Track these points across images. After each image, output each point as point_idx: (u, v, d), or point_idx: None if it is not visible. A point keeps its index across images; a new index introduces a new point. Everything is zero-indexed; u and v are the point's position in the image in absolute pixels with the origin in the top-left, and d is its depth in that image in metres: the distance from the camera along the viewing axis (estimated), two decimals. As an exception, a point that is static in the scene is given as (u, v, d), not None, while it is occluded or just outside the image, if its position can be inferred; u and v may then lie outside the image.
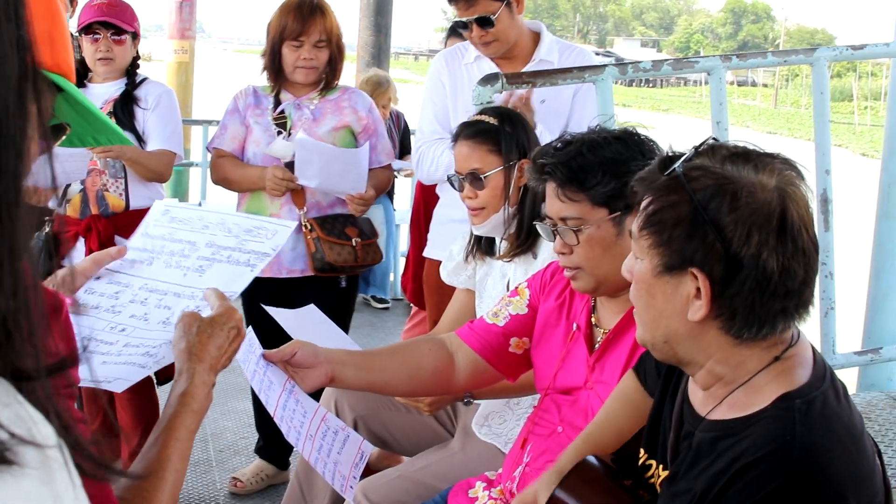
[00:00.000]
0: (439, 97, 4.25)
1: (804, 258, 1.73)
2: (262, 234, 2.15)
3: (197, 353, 1.84)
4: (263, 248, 2.12)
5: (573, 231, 2.55)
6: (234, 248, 2.13)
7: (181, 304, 2.02)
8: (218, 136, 4.51)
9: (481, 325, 2.85)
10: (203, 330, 1.87)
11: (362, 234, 4.45)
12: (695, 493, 1.75)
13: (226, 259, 2.11)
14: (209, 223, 2.19)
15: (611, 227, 2.53)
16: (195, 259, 2.12)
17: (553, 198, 2.57)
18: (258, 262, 2.10)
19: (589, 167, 2.51)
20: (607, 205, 2.52)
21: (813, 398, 1.74)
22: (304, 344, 2.52)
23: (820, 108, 3.98)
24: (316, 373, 2.51)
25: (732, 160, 1.76)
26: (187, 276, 2.09)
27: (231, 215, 2.23)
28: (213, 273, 2.09)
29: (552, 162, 2.55)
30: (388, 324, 7.81)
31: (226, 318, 1.91)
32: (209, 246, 2.14)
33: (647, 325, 1.88)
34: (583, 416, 2.62)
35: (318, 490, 3.49)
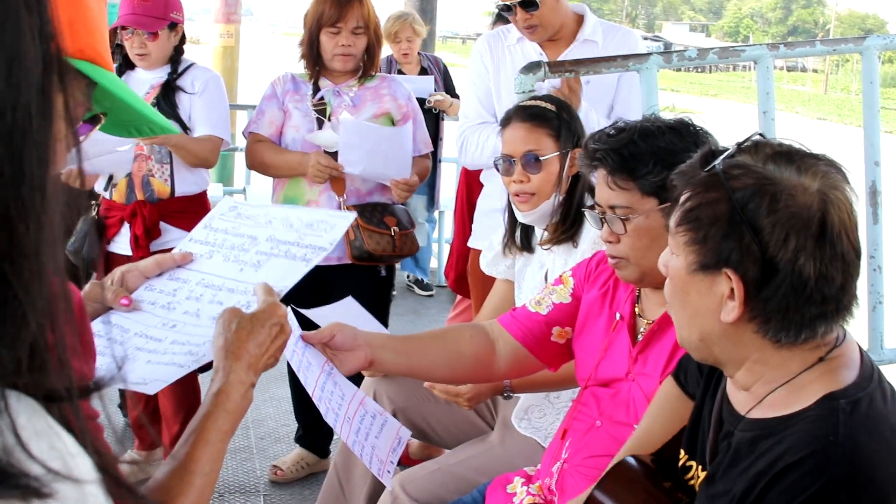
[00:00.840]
0: (482, 80, 4.21)
1: (843, 264, 1.68)
2: (323, 227, 2.11)
3: (234, 351, 1.77)
4: (321, 241, 2.08)
5: (621, 220, 2.51)
6: (294, 242, 2.09)
7: (233, 300, 1.97)
8: (255, 121, 4.50)
9: (524, 312, 2.82)
10: (243, 326, 1.80)
11: (400, 223, 4.43)
12: (734, 495, 1.71)
13: (283, 254, 2.07)
14: (273, 218, 2.17)
15: (659, 217, 2.48)
16: (254, 254, 2.09)
17: (603, 185, 2.54)
18: (313, 257, 2.06)
19: (641, 156, 2.47)
20: (657, 195, 2.47)
21: (859, 399, 1.70)
22: (343, 326, 2.49)
23: (869, 98, 3.91)
24: (355, 356, 2.48)
25: (775, 160, 1.72)
26: (244, 270, 2.05)
27: (296, 210, 2.21)
28: (269, 268, 2.05)
29: (604, 148, 2.51)
30: (431, 311, 7.79)
31: (268, 314, 1.84)
32: (269, 240, 2.11)
33: (683, 324, 1.85)
34: (623, 408, 2.58)
35: (356, 480, 3.48)
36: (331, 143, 4.29)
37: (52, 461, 0.74)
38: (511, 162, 3.24)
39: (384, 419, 2.42)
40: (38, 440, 0.74)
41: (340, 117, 4.27)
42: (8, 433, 0.73)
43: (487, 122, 4.14)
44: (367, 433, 2.38)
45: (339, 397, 2.36)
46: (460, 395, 3.19)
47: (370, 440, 2.38)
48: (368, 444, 2.38)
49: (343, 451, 3.53)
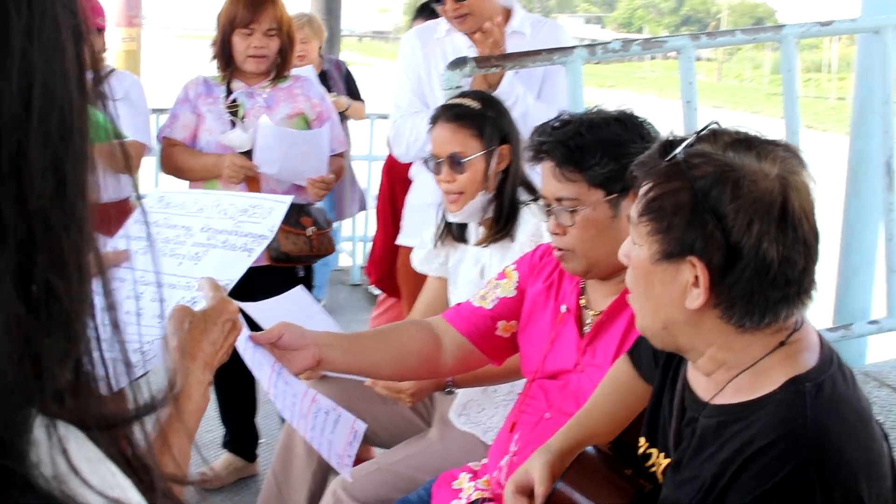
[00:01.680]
0: (414, 71, 4.20)
1: (805, 247, 1.71)
2: (258, 213, 2.09)
3: (190, 351, 1.74)
4: (260, 229, 2.06)
5: (568, 212, 2.51)
6: (231, 231, 2.06)
7: (176, 296, 1.94)
8: (168, 126, 4.44)
9: (468, 307, 2.82)
10: (196, 325, 1.77)
11: (317, 223, 4.42)
12: (704, 480, 1.73)
13: (221, 244, 2.05)
14: (204, 205, 2.13)
15: (607, 209, 2.50)
16: (190, 246, 2.06)
17: (549, 177, 2.54)
18: (255, 247, 2.03)
19: (587, 147, 2.48)
20: (604, 186, 2.49)
21: (822, 381, 1.73)
22: (290, 326, 2.47)
23: (789, 86, 3.99)
24: (303, 355, 2.46)
25: (734, 147, 1.74)
26: (182, 264, 2.02)
27: (227, 195, 2.18)
28: (209, 260, 2.02)
29: (550, 141, 2.52)
30: (348, 310, 7.75)
31: (219, 310, 1.82)
32: (204, 230, 2.08)
33: (646, 313, 1.86)
34: (573, 400, 2.59)
35: (295, 483, 3.45)
36: (241, 144, 4.26)
37: (109, 490, 0.71)
38: (438, 162, 3.25)
39: (338, 414, 2.41)
40: (91, 468, 0.71)
41: (259, 121, 4.23)
42: (60, 460, 0.69)
43: (421, 111, 4.13)
44: (323, 429, 2.36)
45: (291, 395, 2.35)
46: (403, 392, 3.18)
47: (326, 436, 2.37)
48: (325, 440, 2.37)
49: (281, 454, 3.50)
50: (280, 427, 4.47)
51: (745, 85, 51.78)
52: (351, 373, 2.82)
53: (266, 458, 4.67)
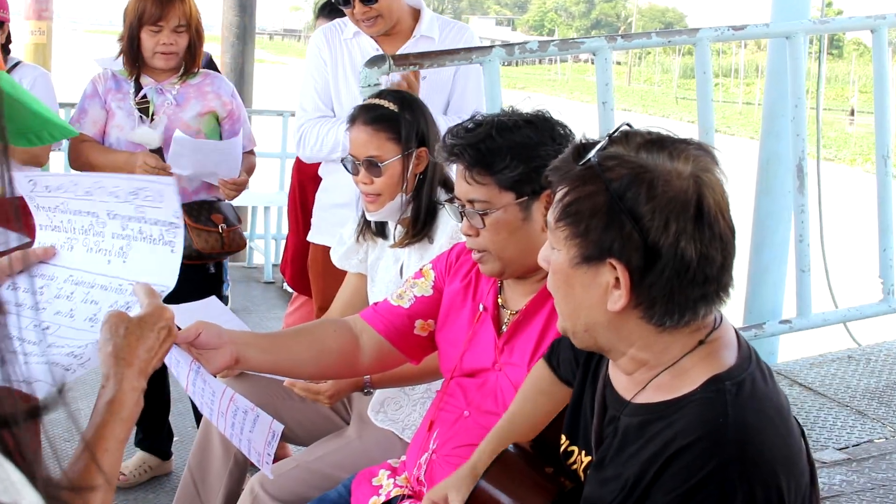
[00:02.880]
0: (320, 74, 4.17)
1: (721, 244, 1.72)
2: (150, 196, 2.04)
3: (125, 357, 1.72)
4: (165, 215, 2.02)
5: (480, 214, 2.52)
6: (137, 217, 2.02)
7: (109, 299, 1.92)
8: (77, 120, 4.38)
9: (385, 306, 2.81)
10: (131, 331, 1.75)
11: (227, 220, 4.42)
12: (627, 478, 1.74)
13: (140, 235, 2.01)
14: (88, 188, 2.07)
15: (517, 211, 2.51)
16: (110, 238, 2.01)
17: (461, 180, 2.55)
18: (174, 239, 2.00)
19: (498, 151, 2.49)
20: (514, 189, 2.50)
21: (742, 380, 1.75)
22: (207, 325, 2.43)
23: (703, 89, 4.04)
24: (221, 354, 2.42)
25: (647, 148, 1.75)
26: (112, 262, 1.99)
27: (106, 177, 2.12)
28: (136, 257, 1.98)
29: (461, 143, 2.52)
30: (261, 307, 7.71)
31: (155, 317, 1.81)
32: (112, 217, 2.03)
33: (567, 315, 1.86)
34: (491, 398, 2.60)
35: (212, 481, 3.43)
36: (150, 141, 4.22)
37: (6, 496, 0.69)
38: (356, 164, 3.24)
39: (255, 414, 2.39)
40: None
41: (174, 135, 4.19)
42: None
43: (326, 115, 4.11)
44: (242, 428, 2.34)
45: (210, 394, 2.32)
46: (321, 393, 3.16)
47: (245, 434, 2.34)
48: (245, 438, 2.35)
49: (197, 453, 3.47)
50: (194, 425, 4.44)
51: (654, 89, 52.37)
52: (269, 371, 2.79)
53: (180, 456, 4.63)
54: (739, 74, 45.58)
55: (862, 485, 3.39)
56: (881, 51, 4.56)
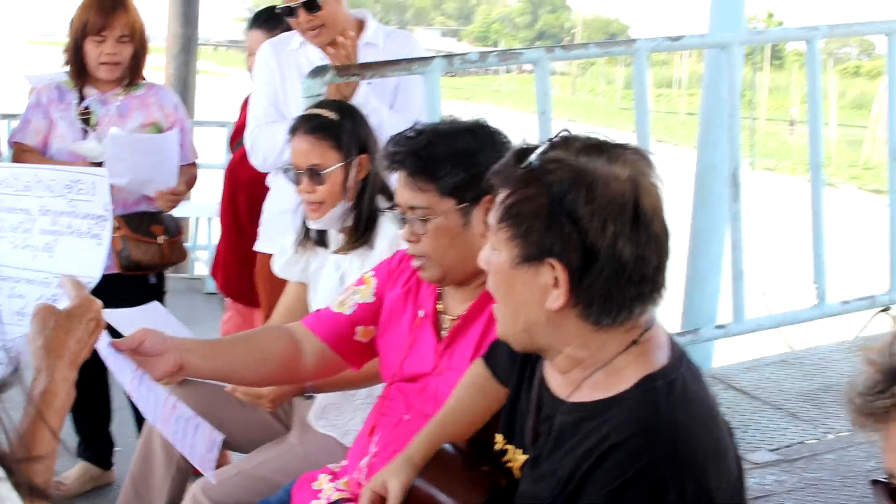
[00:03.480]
0: (270, 83, 4.17)
1: (657, 245, 1.79)
2: (84, 189, 2.07)
3: (56, 349, 1.76)
4: (95, 208, 2.05)
5: (421, 220, 2.56)
6: (69, 212, 2.05)
7: (35, 292, 1.94)
8: (20, 130, 4.36)
9: (327, 313, 2.84)
10: (60, 324, 1.80)
11: (167, 231, 4.42)
12: (562, 475, 1.79)
13: (68, 230, 2.03)
14: (27, 181, 2.10)
15: (458, 217, 2.56)
16: (38, 234, 2.04)
17: (403, 186, 2.59)
18: (101, 232, 2.03)
19: (439, 158, 2.54)
20: (455, 195, 2.54)
21: (673, 379, 1.80)
22: (151, 332, 2.44)
23: (640, 98, 4.11)
24: (164, 360, 2.43)
25: (587, 152, 1.80)
26: (37, 258, 2.01)
27: (43, 168, 2.16)
28: (63, 251, 2.01)
29: (403, 151, 2.57)
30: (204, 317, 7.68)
31: (84, 309, 1.85)
32: (44, 212, 2.06)
33: (507, 316, 1.91)
34: (431, 402, 2.63)
35: (154, 489, 3.44)
36: (95, 154, 4.21)
37: None
38: (298, 173, 3.28)
39: (196, 422, 2.41)
40: None
41: (109, 132, 4.18)
42: None
43: (277, 120, 4.13)
44: (184, 434, 2.37)
45: (153, 400, 2.35)
46: (263, 397, 3.18)
47: (188, 440, 2.37)
48: (187, 444, 2.37)
49: (138, 461, 3.48)
50: (136, 435, 4.43)
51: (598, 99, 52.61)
52: (212, 378, 2.82)
53: (122, 465, 4.61)
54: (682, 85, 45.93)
55: (793, 484, 3.48)
56: (814, 61, 4.66)
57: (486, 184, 1.93)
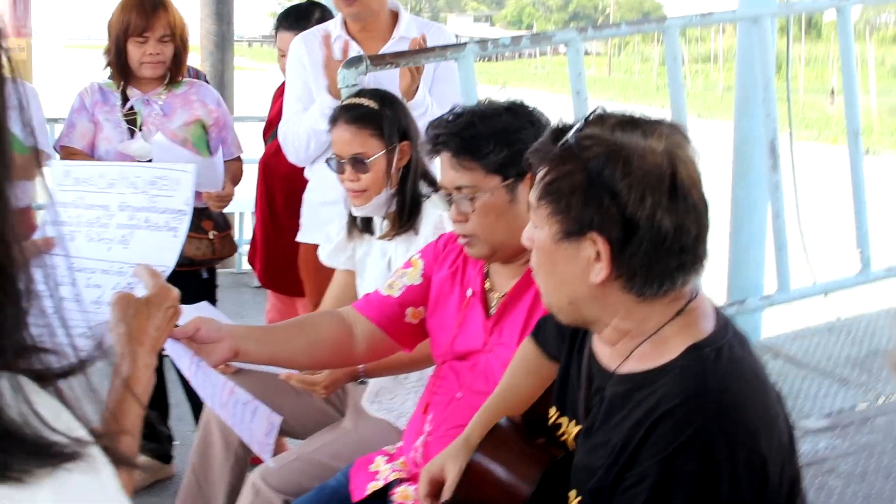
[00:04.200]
0: (300, 79, 4.21)
1: (696, 215, 1.81)
2: (167, 185, 2.12)
3: (137, 336, 1.80)
4: (175, 203, 2.10)
5: (468, 199, 2.61)
6: (148, 207, 2.10)
7: (111, 282, 1.98)
8: (66, 135, 4.43)
9: (377, 297, 2.89)
10: (140, 311, 1.83)
11: (217, 226, 4.48)
12: (615, 445, 1.82)
13: (145, 224, 2.08)
14: (112, 179, 2.15)
15: (504, 194, 2.60)
16: (115, 228, 2.08)
17: (447, 168, 2.64)
18: (178, 225, 2.07)
19: (481, 137, 2.58)
20: (500, 172, 2.59)
21: (720, 347, 1.83)
22: (206, 320, 2.49)
23: (674, 74, 4.13)
24: (220, 347, 2.48)
25: (622, 127, 1.83)
26: (112, 249, 2.05)
27: (130, 167, 2.20)
28: (138, 243, 2.06)
29: (446, 132, 2.62)
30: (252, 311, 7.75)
31: (162, 297, 1.89)
32: (123, 208, 2.10)
33: (552, 291, 1.94)
34: (482, 379, 2.68)
35: (214, 478, 3.49)
36: (144, 153, 4.26)
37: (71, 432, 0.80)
38: (341, 162, 3.32)
39: (255, 406, 2.46)
40: (52, 414, 0.80)
41: (154, 138, 4.24)
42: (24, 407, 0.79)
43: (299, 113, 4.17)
44: (242, 418, 2.41)
45: (211, 386, 2.40)
46: (316, 385, 3.24)
47: (245, 424, 2.42)
48: (246, 428, 2.42)
49: (198, 451, 3.54)
50: (194, 429, 4.50)
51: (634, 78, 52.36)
52: (267, 363, 2.87)
53: (182, 460, 4.68)
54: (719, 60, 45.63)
55: (845, 449, 3.49)
56: (846, 30, 4.66)
57: (525, 163, 1.97)
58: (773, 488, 1.79)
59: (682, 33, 4.27)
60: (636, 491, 1.77)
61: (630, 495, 1.78)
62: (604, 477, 1.84)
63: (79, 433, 0.82)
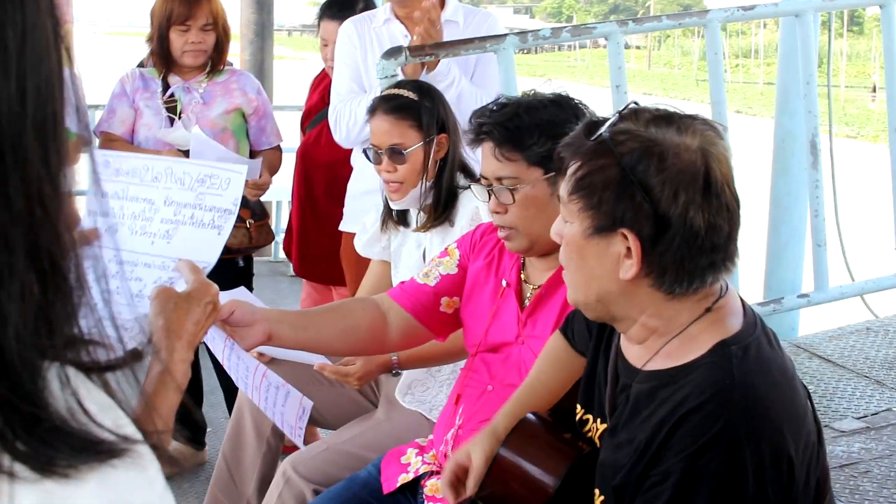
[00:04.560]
0: (351, 58, 4.22)
1: (728, 214, 1.80)
2: (216, 184, 2.13)
3: (175, 330, 1.83)
4: (223, 202, 2.10)
5: (509, 190, 2.60)
6: (194, 204, 2.10)
7: (152, 276, 2.00)
8: (106, 120, 4.46)
9: (412, 285, 2.89)
10: (180, 306, 1.86)
11: (254, 214, 4.50)
12: (640, 442, 1.81)
13: (190, 220, 2.09)
14: (158, 173, 2.16)
15: (545, 186, 2.58)
16: (159, 223, 2.10)
17: (490, 157, 2.62)
18: (224, 223, 2.09)
19: (525, 128, 2.57)
20: (542, 165, 2.57)
21: (748, 344, 1.82)
22: (240, 303, 2.51)
23: (714, 69, 4.10)
24: (254, 331, 2.49)
25: (656, 123, 1.82)
26: (155, 243, 2.07)
27: (178, 162, 2.21)
28: (181, 238, 2.07)
29: (490, 122, 2.60)
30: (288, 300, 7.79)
31: (202, 293, 1.91)
32: (168, 204, 2.12)
33: (580, 287, 1.93)
34: (515, 372, 2.68)
35: (245, 466, 3.51)
36: (183, 142, 4.29)
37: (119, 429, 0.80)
38: (378, 153, 3.32)
39: (287, 390, 2.47)
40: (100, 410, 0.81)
41: (192, 131, 4.27)
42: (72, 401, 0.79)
43: (359, 95, 4.16)
44: (275, 402, 2.43)
45: (244, 369, 2.41)
46: (350, 376, 3.24)
47: (278, 408, 2.43)
48: (277, 411, 2.43)
49: (230, 439, 3.56)
50: (226, 416, 4.53)
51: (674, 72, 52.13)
52: (301, 348, 2.87)
53: (214, 446, 4.71)
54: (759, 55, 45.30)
55: (881, 452, 3.46)
56: (890, 26, 4.60)
57: (557, 156, 1.96)
58: (800, 487, 1.78)
59: (723, 27, 4.24)
60: (660, 489, 1.77)
61: (654, 493, 1.78)
62: (628, 474, 1.84)
63: (127, 430, 0.82)
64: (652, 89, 38.88)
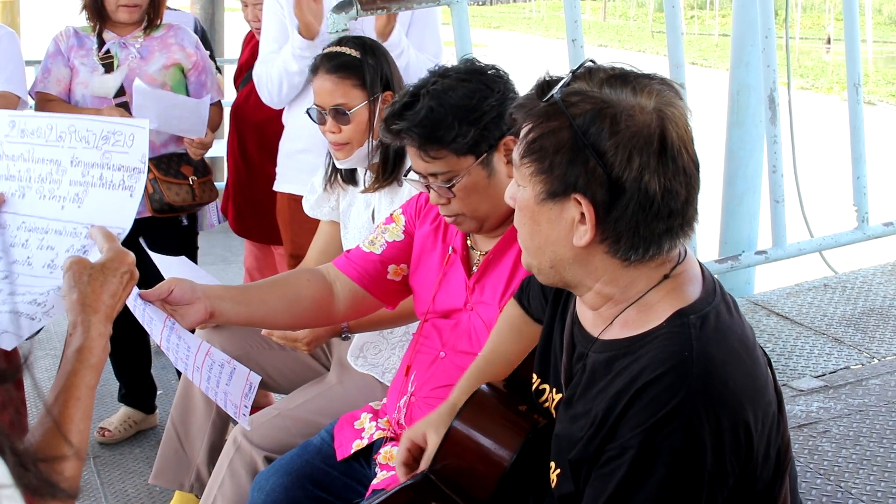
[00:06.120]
0: (276, 17, 4.11)
1: (685, 178, 1.73)
2: (121, 140, 2.02)
3: (91, 304, 1.74)
4: (130, 160, 2.00)
5: (447, 185, 2.53)
6: (101, 164, 2.01)
7: (64, 244, 1.91)
8: (41, 80, 4.36)
9: (358, 253, 2.82)
10: (95, 278, 1.76)
11: (197, 171, 4.46)
12: (596, 415, 1.75)
13: (99, 181, 1.99)
14: (62, 132, 2.05)
15: (481, 170, 2.53)
16: (67, 185, 2.00)
17: (416, 158, 2.54)
18: (135, 184, 1.99)
19: (442, 121, 2.48)
20: (472, 151, 2.51)
21: (706, 313, 1.76)
22: (180, 281, 2.43)
23: (672, 21, 4.04)
24: (195, 309, 2.43)
25: (610, 83, 1.75)
26: (66, 208, 1.97)
27: (81, 119, 2.10)
28: (92, 202, 1.97)
29: (405, 125, 2.50)
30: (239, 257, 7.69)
31: (117, 262, 1.82)
32: (75, 164, 2.01)
33: (533, 251, 1.87)
34: (465, 338, 2.63)
35: (195, 433, 3.47)
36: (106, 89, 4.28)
37: None
38: (322, 113, 3.24)
39: (232, 367, 2.39)
40: None
41: (134, 84, 4.18)
42: None
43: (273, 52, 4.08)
44: (218, 381, 2.34)
45: (185, 349, 2.32)
46: (299, 340, 3.17)
47: (221, 387, 2.35)
48: (221, 391, 2.35)
49: (179, 405, 3.50)
50: (177, 378, 4.46)
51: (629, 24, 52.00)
52: (244, 324, 2.80)
53: (164, 409, 4.66)
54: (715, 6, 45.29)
55: (839, 411, 3.43)
56: (848, -23, 4.55)
57: (509, 118, 1.88)
58: (759, 459, 1.73)
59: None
60: (617, 464, 1.71)
61: (611, 468, 1.72)
62: (584, 448, 1.78)
63: None
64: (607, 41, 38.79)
